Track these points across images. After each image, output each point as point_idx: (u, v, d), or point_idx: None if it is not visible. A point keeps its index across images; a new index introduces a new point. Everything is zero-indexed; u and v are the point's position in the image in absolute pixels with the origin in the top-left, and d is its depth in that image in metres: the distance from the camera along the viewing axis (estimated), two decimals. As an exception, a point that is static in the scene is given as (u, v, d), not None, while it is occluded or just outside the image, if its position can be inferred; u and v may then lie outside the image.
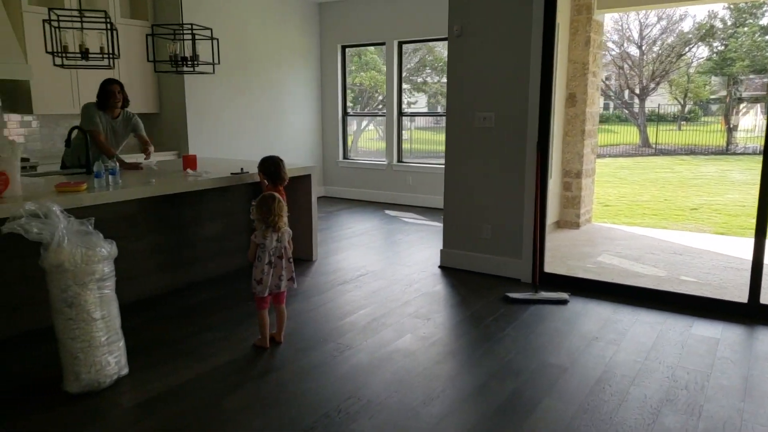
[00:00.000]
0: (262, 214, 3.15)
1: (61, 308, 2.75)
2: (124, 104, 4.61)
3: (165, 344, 3.39)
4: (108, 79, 4.52)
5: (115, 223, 3.95)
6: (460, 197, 4.87)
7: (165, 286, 4.34)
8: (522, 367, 3.10)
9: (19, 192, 3.28)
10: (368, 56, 9.26)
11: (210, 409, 2.67)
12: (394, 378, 2.97)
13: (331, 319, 3.77)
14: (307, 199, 5.02)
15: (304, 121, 8.43)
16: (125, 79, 6.16)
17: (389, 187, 8.34)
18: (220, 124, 7.03)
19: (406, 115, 8.26)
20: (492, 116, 4.61)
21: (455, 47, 4.72)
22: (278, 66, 7.82)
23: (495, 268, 4.76)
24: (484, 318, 3.82)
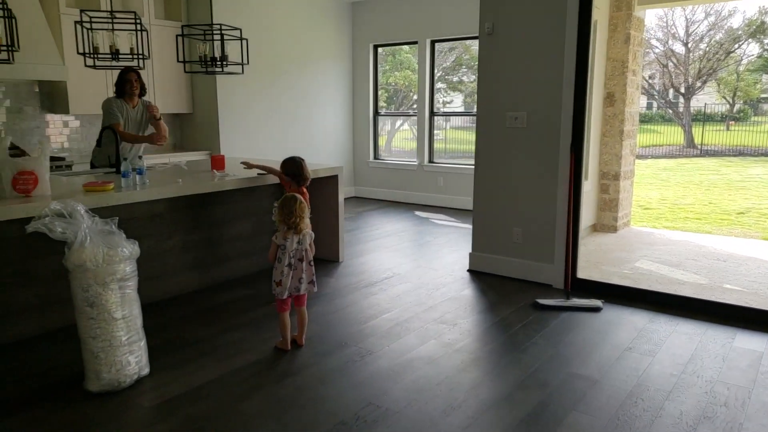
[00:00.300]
0: (283, 215, 3.11)
1: (83, 307, 2.77)
2: (141, 92, 4.66)
3: (188, 344, 3.39)
4: (126, 67, 4.56)
5: (143, 222, 3.99)
6: (490, 199, 4.75)
7: (193, 284, 4.36)
8: (549, 377, 2.98)
9: (48, 191, 3.32)
10: (403, 55, 9.18)
11: (227, 412, 2.65)
12: (415, 386, 2.89)
13: (353, 323, 3.71)
14: (333, 199, 4.98)
15: (335, 121, 8.41)
16: (158, 80, 6.26)
17: (420, 187, 8.25)
18: (251, 124, 7.06)
19: (438, 115, 8.16)
20: (524, 116, 4.48)
21: (486, 45, 4.60)
22: (310, 66, 7.82)
23: (526, 272, 4.62)
24: (512, 325, 3.70)
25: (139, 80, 4.57)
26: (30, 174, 3.22)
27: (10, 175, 3.17)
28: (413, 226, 6.71)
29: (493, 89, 4.60)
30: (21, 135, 5.51)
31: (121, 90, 4.54)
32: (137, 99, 4.65)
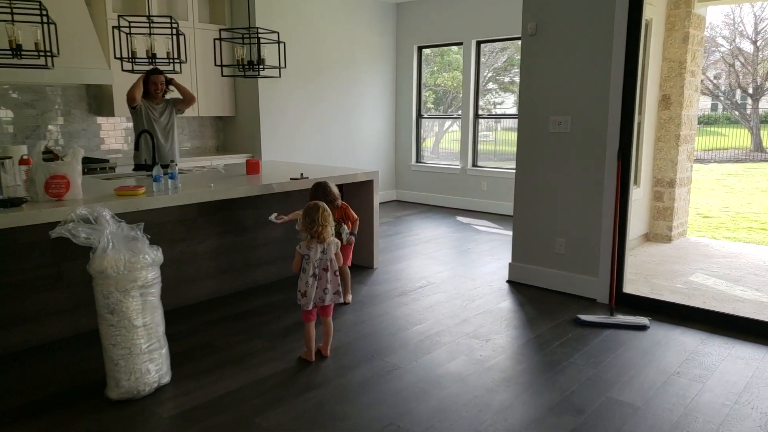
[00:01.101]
0: (306, 223, 3.02)
1: (104, 314, 2.75)
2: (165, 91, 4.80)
3: (213, 351, 3.35)
4: (152, 69, 4.63)
5: (175, 225, 3.99)
6: (531, 207, 4.53)
7: (224, 289, 4.35)
8: (586, 402, 2.77)
9: (80, 195, 3.35)
10: (451, 56, 9.00)
11: (245, 425, 2.57)
12: (440, 406, 2.74)
13: (382, 335, 3.59)
14: (369, 204, 4.87)
15: (377, 123, 8.32)
16: (201, 83, 6.32)
17: (463, 192, 8.05)
18: (292, 127, 7.05)
19: (483, 117, 7.93)
20: (568, 120, 4.25)
21: (529, 46, 4.39)
22: (352, 68, 7.76)
23: (568, 285, 4.38)
24: (549, 342, 3.49)
25: (166, 81, 4.68)
26: (62, 178, 3.25)
27: (43, 179, 3.21)
28: (453, 232, 6.53)
29: (536, 92, 4.39)
30: (69, 137, 5.66)
31: (145, 90, 4.64)
32: (161, 99, 4.75)
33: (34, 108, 5.42)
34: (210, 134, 6.90)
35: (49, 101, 5.51)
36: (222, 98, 6.63)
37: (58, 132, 5.60)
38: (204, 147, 6.85)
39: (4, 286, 3.30)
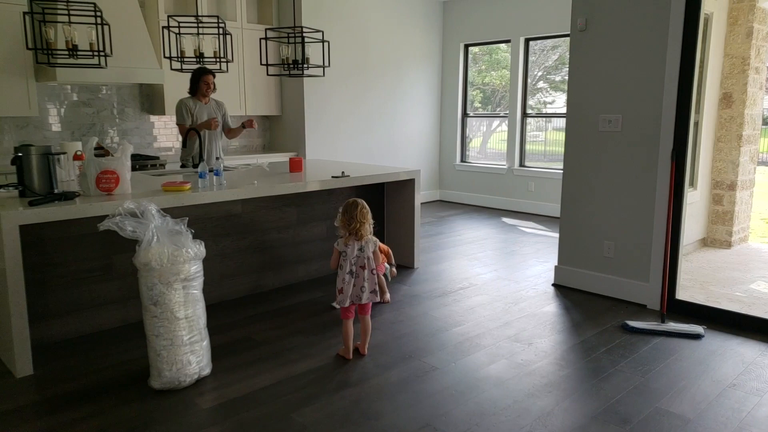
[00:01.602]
0: (344, 220, 3.01)
1: (148, 306, 2.82)
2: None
3: (253, 345, 3.38)
4: (201, 68, 4.69)
5: (220, 221, 4.06)
6: (579, 209, 4.40)
7: (265, 285, 4.39)
8: (632, 412, 2.65)
9: (129, 190, 3.44)
10: (499, 54, 8.86)
11: (280, 420, 2.58)
12: (478, 409, 2.68)
13: (420, 335, 3.54)
14: (410, 204, 4.84)
15: (422, 122, 8.26)
16: (248, 83, 6.42)
17: (509, 192, 7.90)
18: (336, 126, 7.08)
19: (530, 116, 7.77)
20: (619, 119, 4.10)
21: (578, 43, 4.26)
22: (397, 67, 7.73)
23: (616, 290, 4.23)
24: (595, 348, 3.37)
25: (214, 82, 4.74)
26: (112, 173, 3.35)
27: (95, 173, 3.31)
28: (498, 234, 6.42)
29: (586, 90, 4.25)
30: (123, 135, 5.85)
31: (194, 89, 4.69)
32: (209, 99, 4.82)
33: (90, 106, 5.63)
34: (256, 133, 7.01)
35: (105, 100, 5.71)
36: (268, 97, 6.72)
37: (113, 130, 5.80)
38: (251, 145, 6.96)
39: (60, 276, 3.43)
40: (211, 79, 4.66)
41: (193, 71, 4.64)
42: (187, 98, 4.73)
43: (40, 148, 3.23)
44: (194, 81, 4.68)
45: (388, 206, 5.07)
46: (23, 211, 2.92)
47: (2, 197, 3.25)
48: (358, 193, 4.78)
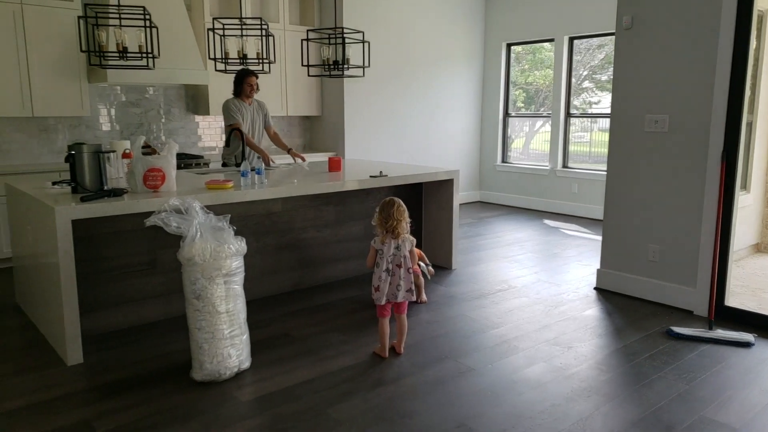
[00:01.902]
0: (381, 218, 3.03)
1: (191, 299, 2.89)
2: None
3: (291, 341, 3.43)
4: (244, 70, 4.77)
5: (261, 219, 4.14)
6: (623, 211, 4.30)
7: (304, 282, 4.45)
8: (675, 420, 2.58)
9: (174, 187, 3.54)
10: (543, 54, 8.74)
11: (316, 415, 2.61)
12: (514, 411, 2.65)
13: (457, 336, 3.53)
14: (448, 204, 4.82)
15: (462, 122, 8.21)
16: (290, 83, 6.52)
17: (551, 194, 7.77)
18: (375, 126, 7.11)
19: (574, 116, 7.62)
20: (666, 119, 3.99)
21: (624, 41, 4.16)
22: (437, 66, 7.71)
23: (661, 295, 4.11)
24: (638, 353, 3.29)
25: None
26: (158, 171, 3.45)
27: (142, 171, 3.42)
28: (539, 236, 6.32)
29: (631, 89, 4.16)
30: (169, 134, 6.02)
31: (238, 90, 4.78)
32: (252, 100, 4.90)
33: (138, 107, 5.81)
34: (297, 133, 7.11)
35: (152, 100, 5.89)
36: (309, 98, 6.81)
37: (160, 129, 5.97)
38: (291, 145, 7.04)
39: (108, 270, 3.56)
40: (254, 80, 4.74)
41: (237, 73, 4.74)
42: (232, 99, 4.83)
43: (92, 147, 3.36)
44: (238, 82, 4.77)
45: (426, 207, 5.06)
46: (75, 207, 3.04)
47: (56, 193, 3.39)
48: (396, 193, 4.79)
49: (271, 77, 6.17)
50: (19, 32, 4.85)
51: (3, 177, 4.68)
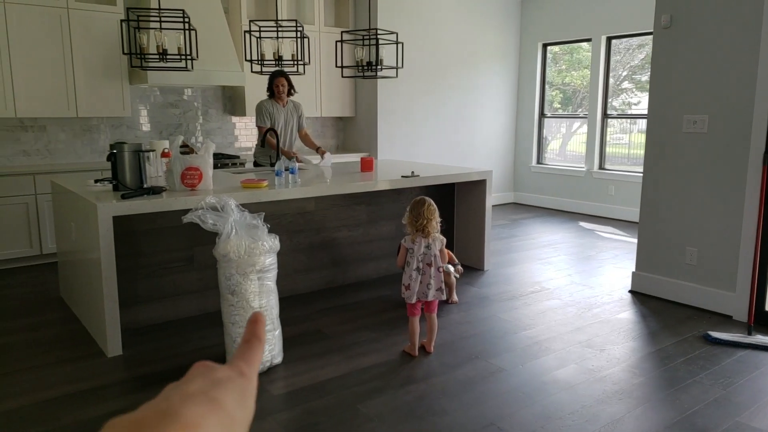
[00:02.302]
0: (412, 217, 3.05)
1: (225, 294, 2.97)
2: (290, 93, 4.95)
3: (322, 337, 3.48)
4: (276, 71, 4.85)
5: (295, 217, 4.20)
6: (659, 213, 4.22)
7: (336, 280, 4.50)
8: (710, 424, 2.53)
9: (211, 186, 3.63)
10: (581, 54, 8.63)
11: (346, 410, 2.65)
12: (544, 412, 2.64)
13: (488, 336, 3.52)
14: (481, 205, 4.80)
15: (496, 123, 8.16)
16: (325, 84, 6.59)
17: (587, 196, 7.66)
18: (408, 127, 7.13)
19: (611, 117, 7.50)
20: (705, 120, 3.90)
21: (662, 40, 4.09)
22: (472, 67, 7.68)
23: (699, 299, 4.02)
24: (672, 357, 3.23)
25: (288, 83, 4.86)
26: (196, 170, 3.54)
27: (180, 170, 3.52)
28: (574, 238, 6.24)
29: (669, 89, 4.08)
30: (206, 134, 6.16)
31: (271, 91, 4.87)
32: (287, 99, 4.96)
33: (177, 107, 5.97)
34: (331, 134, 7.18)
35: (190, 102, 6.04)
36: (343, 99, 6.87)
37: (197, 129, 6.12)
38: (325, 146, 7.13)
39: (147, 265, 3.67)
40: (283, 81, 4.81)
41: (270, 74, 4.83)
42: (266, 100, 4.92)
43: (132, 146, 3.47)
44: (269, 84, 4.88)
45: (459, 207, 5.06)
46: (116, 204, 3.15)
47: (98, 191, 3.52)
48: (428, 193, 4.80)
49: (305, 78, 6.25)
50: (65, 36, 5.04)
51: (49, 175, 4.86)
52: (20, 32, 4.85)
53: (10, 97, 4.86)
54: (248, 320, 0.50)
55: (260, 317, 0.50)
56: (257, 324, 0.50)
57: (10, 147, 5.18)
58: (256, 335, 0.49)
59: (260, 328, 0.50)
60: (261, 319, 0.50)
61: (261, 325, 0.50)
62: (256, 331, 0.49)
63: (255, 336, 0.49)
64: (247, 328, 0.50)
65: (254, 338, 0.49)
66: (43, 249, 5.01)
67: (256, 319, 0.50)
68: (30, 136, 5.26)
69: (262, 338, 0.49)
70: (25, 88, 4.92)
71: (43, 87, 5.00)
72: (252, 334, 0.49)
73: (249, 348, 0.48)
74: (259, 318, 0.50)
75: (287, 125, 5.03)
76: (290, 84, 4.91)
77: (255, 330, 0.49)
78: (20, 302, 4.10)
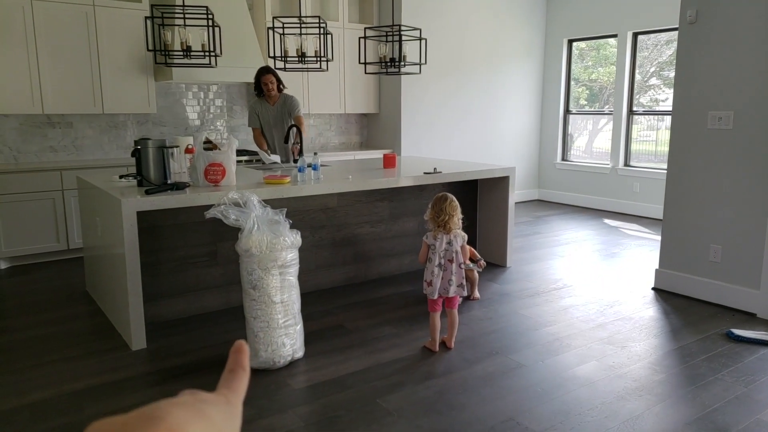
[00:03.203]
0: (434, 213, 3.05)
1: (247, 289, 3.01)
2: (279, 89, 4.88)
3: (343, 332, 3.52)
4: (261, 68, 4.80)
5: (317, 214, 4.24)
6: (683, 210, 4.16)
7: (358, 276, 4.53)
8: (731, 422, 2.50)
9: (234, 182, 3.69)
10: (608, 50, 8.52)
11: (366, 404, 2.68)
12: (563, 408, 2.63)
13: (509, 333, 3.52)
14: (503, 201, 4.79)
15: (521, 120, 8.10)
16: (349, 81, 6.62)
17: (612, 193, 7.57)
18: (432, 123, 7.12)
19: (636, 114, 7.39)
20: (730, 116, 3.83)
21: (687, 36, 4.03)
22: (496, 63, 7.64)
23: (722, 297, 3.96)
24: (694, 355, 3.19)
25: (277, 79, 4.79)
26: (219, 166, 3.60)
27: (203, 166, 3.58)
28: (598, 235, 6.18)
29: (694, 85, 4.02)
30: (231, 131, 6.24)
31: (259, 90, 4.85)
32: (276, 95, 4.89)
33: (201, 104, 6.05)
34: (355, 130, 7.21)
35: (214, 98, 6.12)
36: (367, 96, 6.89)
37: (222, 126, 6.20)
38: (349, 142, 7.17)
39: (171, 260, 3.74)
40: (271, 78, 4.71)
41: (256, 72, 4.78)
42: (255, 101, 4.91)
43: (156, 142, 3.54)
44: (256, 82, 4.80)
45: (481, 204, 5.05)
46: (140, 199, 3.21)
47: (123, 186, 3.60)
48: (451, 189, 4.80)
49: (329, 75, 6.29)
50: (91, 33, 5.14)
51: (76, 171, 4.97)
52: (47, 30, 4.96)
53: (38, 94, 4.98)
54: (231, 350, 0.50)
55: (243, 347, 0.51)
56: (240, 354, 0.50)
57: (38, 143, 5.31)
58: (240, 364, 0.49)
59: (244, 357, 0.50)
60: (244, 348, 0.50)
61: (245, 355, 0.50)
62: (239, 360, 0.50)
63: (239, 365, 0.49)
64: (231, 357, 0.50)
65: (239, 367, 0.49)
66: (69, 244, 5.12)
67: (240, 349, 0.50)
68: (57, 132, 5.38)
69: (246, 367, 0.50)
70: (52, 85, 5.04)
71: (70, 84, 5.11)
72: (236, 364, 0.50)
73: (234, 377, 0.49)
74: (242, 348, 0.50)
75: (276, 124, 4.99)
76: (278, 80, 4.83)
77: (239, 359, 0.50)
78: (48, 296, 4.21)
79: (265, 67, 4.78)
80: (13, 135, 5.20)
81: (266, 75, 4.74)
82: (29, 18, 4.87)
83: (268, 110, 4.94)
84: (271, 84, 4.75)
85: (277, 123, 5.01)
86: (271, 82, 4.75)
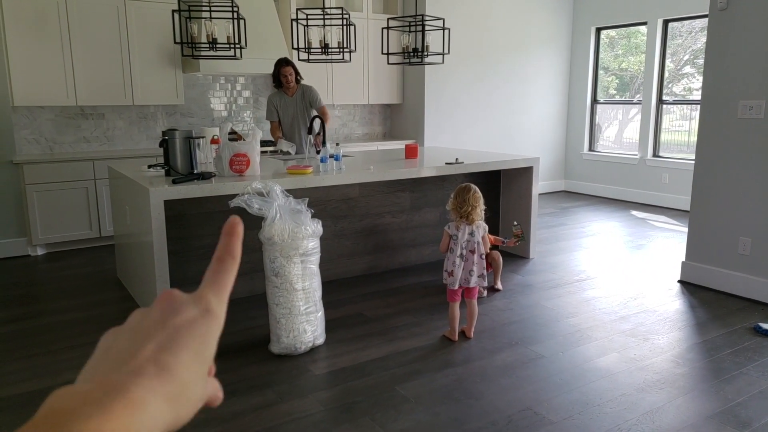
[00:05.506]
0: (456, 203, 3.06)
1: (270, 277, 3.08)
2: (297, 80, 4.87)
3: (364, 320, 3.56)
4: (279, 60, 4.80)
5: (339, 204, 4.28)
6: (711, 202, 4.08)
7: (379, 266, 4.57)
8: (754, 417, 2.47)
9: (258, 172, 3.75)
10: (639, 38, 8.35)
11: (384, 391, 2.72)
12: (582, 398, 2.63)
13: (529, 323, 3.51)
14: (527, 192, 4.76)
15: (547, 109, 8.00)
16: (372, 72, 6.63)
17: (640, 184, 7.44)
18: (456, 113, 7.09)
19: (666, 103, 7.24)
20: (761, 105, 3.74)
21: (717, 23, 3.93)
22: (521, 52, 7.55)
23: (751, 290, 3.89)
24: (719, 349, 3.15)
25: (294, 71, 4.79)
26: (243, 156, 3.66)
27: (228, 156, 3.65)
28: (625, 227, 6.10)
29: (724, 74, 3.93)
30: (256, 122, 6.32)
31: (278, 82, 4.87)
32: (295, 86, 4.90)
33: (227, 95, 6.14)
34: (378, 121, 7.22)
35: (240, 89, 6.20)
36: (390, 86, 6.90)
37: (249, 117, 6.28)
38: (372, 133, 7.20)
39: (197, 248, 3.83)
40: (289, 70, 4.72)
41: (274, 64, 4.78)
42: (273, 93, 4.93)
43: (183, 133, 3.61)
44: (275, 75, 4.81)
45: (505, 195, 5.03)
46: (168, 188, 3.30)
47: (151, 176, 3.69)
48: (473, 180, 4.79)
49: (352, 66, 6.31)
50: (122, 26, 5.26)
51: (107, 161, 5.11)
52: (81, 25, 5.09)
53: (71, 86, 5.12)
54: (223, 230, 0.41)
55: (236, 228, 0.41)
56: (232, 237, 0.41)
57: (72, 134, 5.46)
58: (229, 251, 0.41)
59: (235, 242, 0.41)
60: (237, 230, 0.41)
61: (236, 239, 0.41)
62: (230, 246, 0.41)
63: (228, 253, 0.41)
64: (221, 241, 0.41)
65: (228, 256, 0.41)
66: (101, 231, 5.28)
67: (231, 230, 0.41)
68: (90, 123, 5.53)
69: (236, 256, 0.41)
70: (85, 78, 5.17)
71: (101, 76, 5.24)
72: (225, 251, 0.41)
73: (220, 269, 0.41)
74: (234, 229, 0.41)
75: (296, 115, 5.00)
76: (296, 71, 4.84)
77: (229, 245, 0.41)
78: (80, 282, 4.35)
79: (283, 59, 4.81)
80: (48, 126, 5.36)
81: (285, 67, 4.77)
82: (63, 14, 5.01)
83: (286, 102, 4.98)
84: (290, 76, 4.78)
85: (297, 114, 5.03)
86: (290, 74, 4.78)
